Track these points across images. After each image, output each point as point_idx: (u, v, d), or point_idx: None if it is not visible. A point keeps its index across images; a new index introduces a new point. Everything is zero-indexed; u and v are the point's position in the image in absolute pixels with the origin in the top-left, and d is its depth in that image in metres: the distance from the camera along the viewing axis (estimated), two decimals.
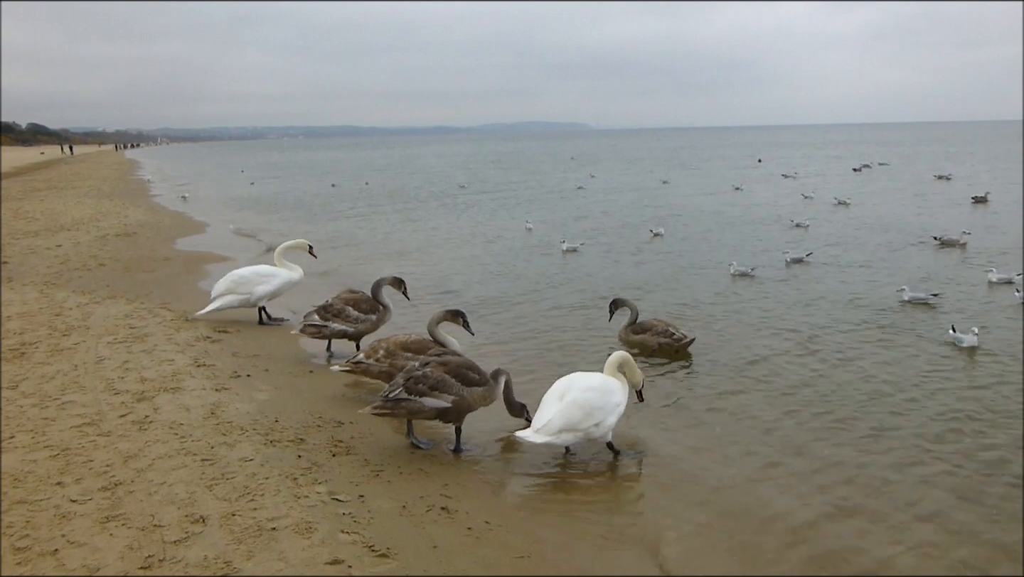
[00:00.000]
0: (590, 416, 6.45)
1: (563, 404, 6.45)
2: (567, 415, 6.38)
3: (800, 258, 16.40)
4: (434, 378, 6.74)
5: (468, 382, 6.87)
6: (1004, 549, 5.46)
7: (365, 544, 5.06)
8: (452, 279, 15.73)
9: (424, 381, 6.72)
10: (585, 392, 6.54)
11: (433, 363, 6.91)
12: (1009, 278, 13.32)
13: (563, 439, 6.46)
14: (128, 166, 77.69)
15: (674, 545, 5.54)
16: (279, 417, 7.39)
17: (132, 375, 8.47)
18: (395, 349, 8.13)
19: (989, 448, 7.04)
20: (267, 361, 9.49)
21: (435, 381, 6.73)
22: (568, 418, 6.37)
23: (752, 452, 7.13)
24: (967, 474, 6.56)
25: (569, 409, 6.39)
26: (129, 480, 5.82)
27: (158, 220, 26.06)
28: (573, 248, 18.87)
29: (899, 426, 7.59)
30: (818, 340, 10.60)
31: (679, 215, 26.00)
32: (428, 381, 6.72)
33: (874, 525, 5.79)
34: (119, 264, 16.49)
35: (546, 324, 11.94)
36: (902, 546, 5.49)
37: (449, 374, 6.81)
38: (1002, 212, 24.32)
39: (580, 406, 6.43)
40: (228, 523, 5.20)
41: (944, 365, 9.41)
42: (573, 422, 6.39)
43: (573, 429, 6.41)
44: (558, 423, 6.36)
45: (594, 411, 6.46)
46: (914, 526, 5.77)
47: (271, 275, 11.63)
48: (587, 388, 6.58)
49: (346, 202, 35.06)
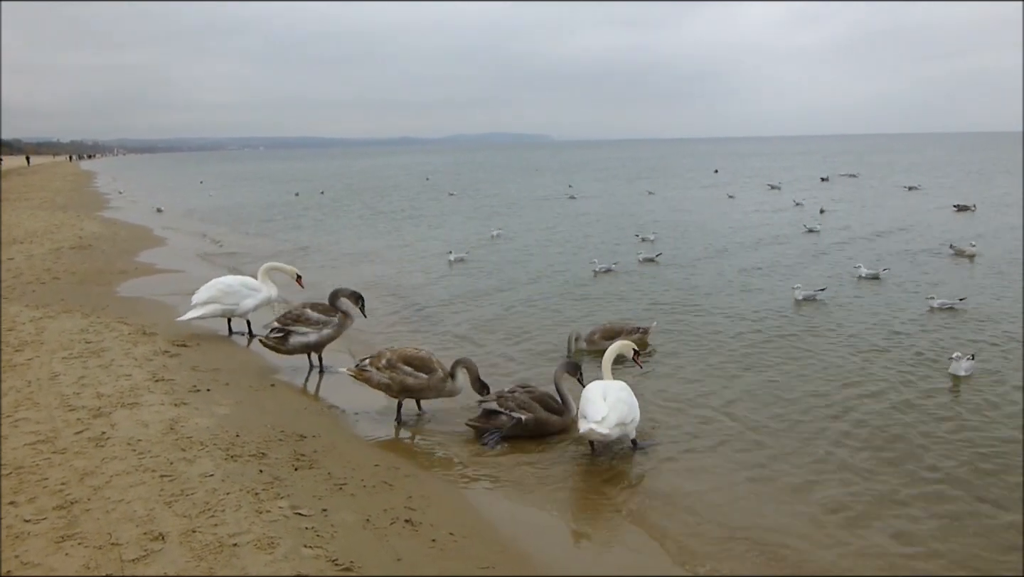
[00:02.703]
0: (631, 412, 7.19)
1: (610, 403, 7.07)
2: (619, 411, 7.05)
3: (875, 274, 15.54)
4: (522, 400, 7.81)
5: (548, 409, 7.86)
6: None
7: (328, 558, 5.03)
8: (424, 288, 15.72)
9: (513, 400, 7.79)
10: (622, 392, 7.27)
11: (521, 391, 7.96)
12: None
13: (616, 432, 7.05)
14: (84, 177, 76.15)
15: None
16: (240, 432, 7.30)
17: (88, 391, 8.30)
18: (397, 361, 8.13)
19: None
20: (228, 375, 9.37)
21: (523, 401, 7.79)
22: (621, 414, 7.05)
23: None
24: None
25: (618, 406, 7.08)
26: (85, 498, 5.71)
27: (115, 232, 25.58)
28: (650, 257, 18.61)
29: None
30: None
31: (693, 226, 25.60)
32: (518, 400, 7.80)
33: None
34: (74, 277, 16.15)
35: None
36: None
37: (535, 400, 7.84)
38: (985, 219, 25.22)
39: (626, 403, 7.17)
40: (188, 540, 5.13)
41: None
42: (623, 417, 7.06)
43: (622, 424, 7.08)
44: (614, 418, 6.98)
45: (632, 408, 7.23)
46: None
47: (257, 289, 11.57)
48: (622, 388, 7.33)
49: (309, 210, 34.97)
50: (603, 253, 19.48)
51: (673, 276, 16.64)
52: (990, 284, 14.77)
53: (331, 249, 22.49)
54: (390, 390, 8.15)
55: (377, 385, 8.18)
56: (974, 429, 7.72)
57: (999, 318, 12.02)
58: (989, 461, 7.00)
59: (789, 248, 20.20)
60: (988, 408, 8.26)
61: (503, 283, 16.30)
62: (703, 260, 18.67)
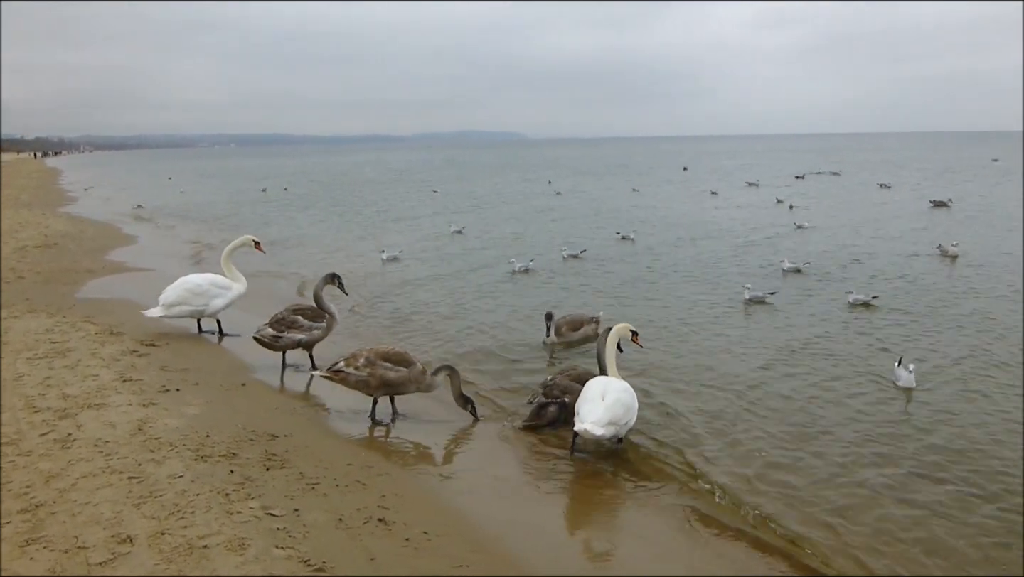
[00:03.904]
0: (627, 414, 7.18)
1: (607, 403, 7.06)
2: (613, 412, 7.02)
3: (797, 268, 16.25)
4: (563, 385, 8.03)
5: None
6: None
7: (300, 559, 4.98)
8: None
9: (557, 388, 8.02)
10: (622, 393, 7.22)
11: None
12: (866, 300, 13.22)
13: (609, 431, 7.03)
14: (49, 174, 74.79)
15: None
16: (210, 432, 7.21)
17: (53, 392, 8.15)
18: (375, 358, 8.11)
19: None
20: (197, 375, 9.25)
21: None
22: (614, 414, 7.02)
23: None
24: None
25: (614, 407, 7.05)
26: (51, 501, 5.60)
27: (82, 230, 25.14)
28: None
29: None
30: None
31: (704, 224, 25.55)
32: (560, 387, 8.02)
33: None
34: (39, 276, 15.83)
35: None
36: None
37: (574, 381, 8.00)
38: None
39: (623, 404, 7.13)
40: (157, 542, 5.05)
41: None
42: (617, 417, 7.04)
43: (616, 424, 7.06)
44: (607, 417, 6.96)
45: (629, 410, 7.21)
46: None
47: (226, 287, 11.38)
48: (623, 390, 7.26)
49: (274, 206, 34.77)
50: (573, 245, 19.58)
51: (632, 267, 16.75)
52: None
53: (307, 243, 22.39)
54: (368, 387, 8.09)
55: (355, 384, 8.11)
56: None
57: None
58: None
59: (760, 246, 20.45)
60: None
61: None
62: (675, 245, 18.88)
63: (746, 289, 13.71)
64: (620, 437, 7.35)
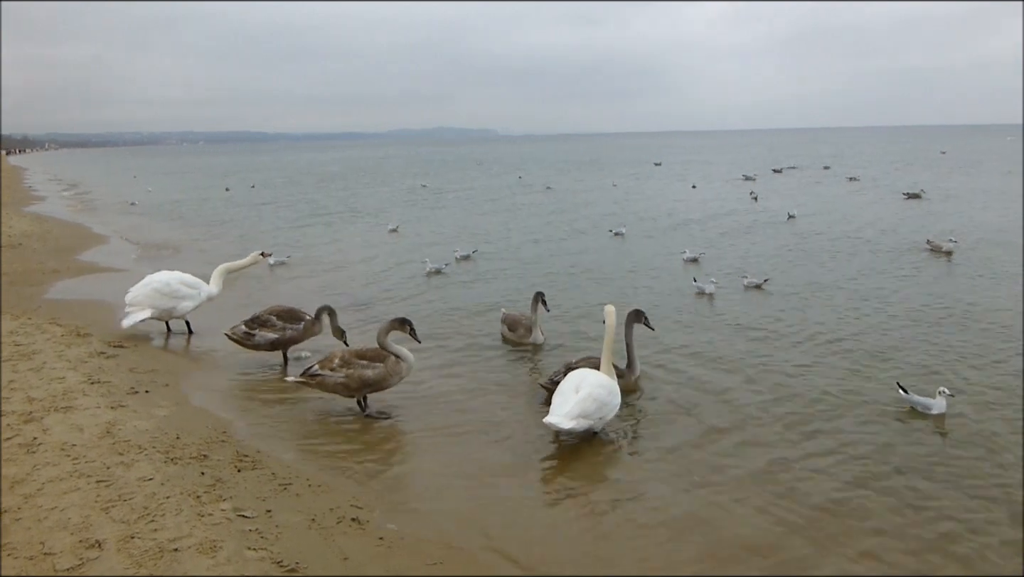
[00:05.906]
0: (600, 409, 7.19)
1: (579, 396, 7.12)
2: (583, 406, 7.06)
3: (695, 257, 17.11)
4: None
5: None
6: None
7: (273, 560, 4.95)
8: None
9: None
10: (597, 388, 7.24)
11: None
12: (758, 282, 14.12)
13: (580, 424, 7.07)
14: (12, 173, 73.33)
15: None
16: (180, 433, 7.13)
17: (18, 395, 8.01)
18: (350, 358, 8.03)
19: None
20: (167, 376, 9.14)
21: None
22: (584, 408, 7.06)
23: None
24: None
25: (585, 401, 7.08)
26: (16, 507, 5.51)
27: (47, 230, 24.69)
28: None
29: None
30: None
31: (700, 216, 25.76)
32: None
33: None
34: (4, 278, 15.53)
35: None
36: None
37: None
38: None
39: (594, 399, 7.15)
40: (127, 546, 4.99)
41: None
42: (587, 412, 7.08)
43: (587, 417, 7.09)
44: (576, 410, 7.01)
45: (603, 406, 7.22)
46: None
47: (195, 286, 11.16)
48: (599, 384, 7.30)
49: (242, 206, 34.42)
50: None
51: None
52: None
53: (281, 243, 22.16)
54: (347, 389, 7.99)
55: (333, 387, 7.99)
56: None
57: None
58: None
59: (762, 237, 20.62)
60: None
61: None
62: (660, 231, 18.96)
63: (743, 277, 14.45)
64: (596, 431, 7.37)
